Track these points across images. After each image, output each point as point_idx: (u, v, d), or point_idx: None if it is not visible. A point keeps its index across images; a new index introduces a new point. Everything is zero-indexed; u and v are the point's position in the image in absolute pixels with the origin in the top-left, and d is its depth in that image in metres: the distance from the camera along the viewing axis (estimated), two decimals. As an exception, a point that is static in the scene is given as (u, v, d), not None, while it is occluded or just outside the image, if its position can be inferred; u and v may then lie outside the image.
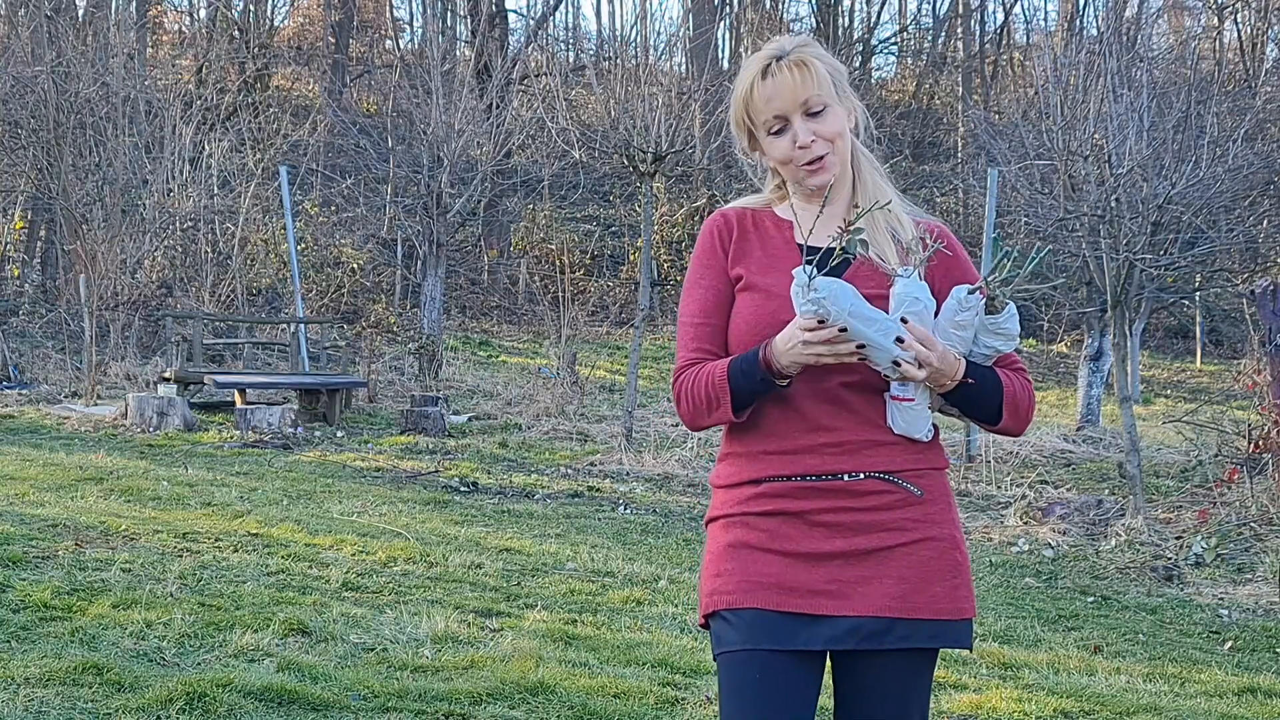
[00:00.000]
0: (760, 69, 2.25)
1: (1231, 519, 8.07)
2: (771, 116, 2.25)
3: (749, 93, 2.26)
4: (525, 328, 21.38)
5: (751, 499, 2.23)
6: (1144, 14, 22.20)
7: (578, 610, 5.67)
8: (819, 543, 2.18)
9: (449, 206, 17.23)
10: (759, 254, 2.29)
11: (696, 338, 2.28)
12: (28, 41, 18.53)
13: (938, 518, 2.23)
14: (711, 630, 2.25)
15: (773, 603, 2.17)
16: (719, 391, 2.20)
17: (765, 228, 2.33)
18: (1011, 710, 4.49)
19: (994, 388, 2.22)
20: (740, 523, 2.23)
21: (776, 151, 2.27)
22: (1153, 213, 9.19)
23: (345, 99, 25.80)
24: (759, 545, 2.20)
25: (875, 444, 2.20)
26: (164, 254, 18.23)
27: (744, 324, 2.24)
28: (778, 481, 2.21)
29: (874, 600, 2.16)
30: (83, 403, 12.95)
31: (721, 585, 2.22)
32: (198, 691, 4.02)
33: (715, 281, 2.30)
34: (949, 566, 2.21)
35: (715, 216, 2.37)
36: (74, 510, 7.25)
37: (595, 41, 30.67)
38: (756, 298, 2.24)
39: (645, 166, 11.80)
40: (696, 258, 2.34)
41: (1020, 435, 2.44)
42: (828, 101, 2.24)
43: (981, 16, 31.25)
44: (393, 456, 10.57)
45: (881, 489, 2.19)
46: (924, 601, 2.18)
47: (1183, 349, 22.81)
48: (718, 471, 2.33)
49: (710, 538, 2.30)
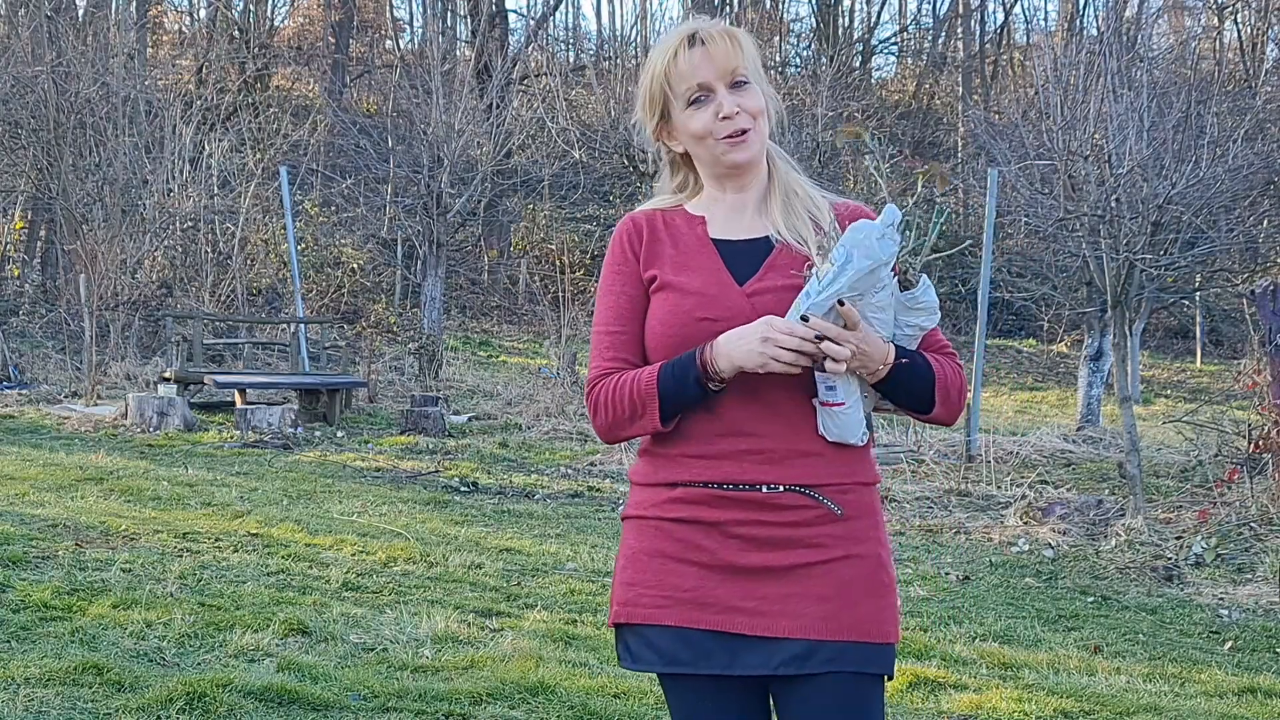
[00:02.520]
0: (686, 37, 2.13)
1: (1231, 519, 8.06)
2: (695, 84, 2.12)
3: (671, 61, 2.13)
4: (525, 328, 21.39)
5: (667, 503, 2.12)
6: (1144, 14, 22.21)
7: (578, 610, 5.66)
8: (736, 555, 2.07)
9: (449, 206, 17.23)
10: (671, 252, 2.18)
11: (612, 346, 2.17)
12: (28, 41, 18.53)
13: (860, 535, 2.10)
14: (621, 640, 2.16)
15: (689, 619, 2.07)
16: (645, 398, 2.07)
17: (676, 226, 2.22)
18: (1011, 710, 4.49)
19: (925, 371, 2.09)
20: (655, 527, 2.13)
21: (696, 124, 2.14)
22: (1153, 213, 9.19)
23: (345, 99, 25.81)
24: (674, 555, 2.10)
25: (801, 454, 2.07)
26: (164, 254, 18.23)
27: (659, 323, 2.13)
28: (694, 487, 2.10)
29: (795, 620, 2.04)
30: (83, 403, 12.95)
31: (635, 595, 2.12)
32: (198, 691, 4.02)
33: (627, 287, 2.19)
34: (875, 586, 2.09)
35: (624, 221, 2.26)
36: (74, 510, 7.25)
37: (595, 41, 30.68)
38: (672, 296, 2.13)
39: (645, 166, 11.80)
40: (607, 265, 2.23)
41: (951, 424, 2.26)
42: (751, 79, 2.13)
43: (981, 16, 31.28)
44: (393, 456, 10.57)
45: (800, 503, 2.07)
46: (850, 622, 2.05)
47: (1183, 349, 22.82)
48: (636, 466, 2.22)
49: (625, 536, 2.19)
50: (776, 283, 2.10)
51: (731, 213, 2.19)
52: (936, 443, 11.52)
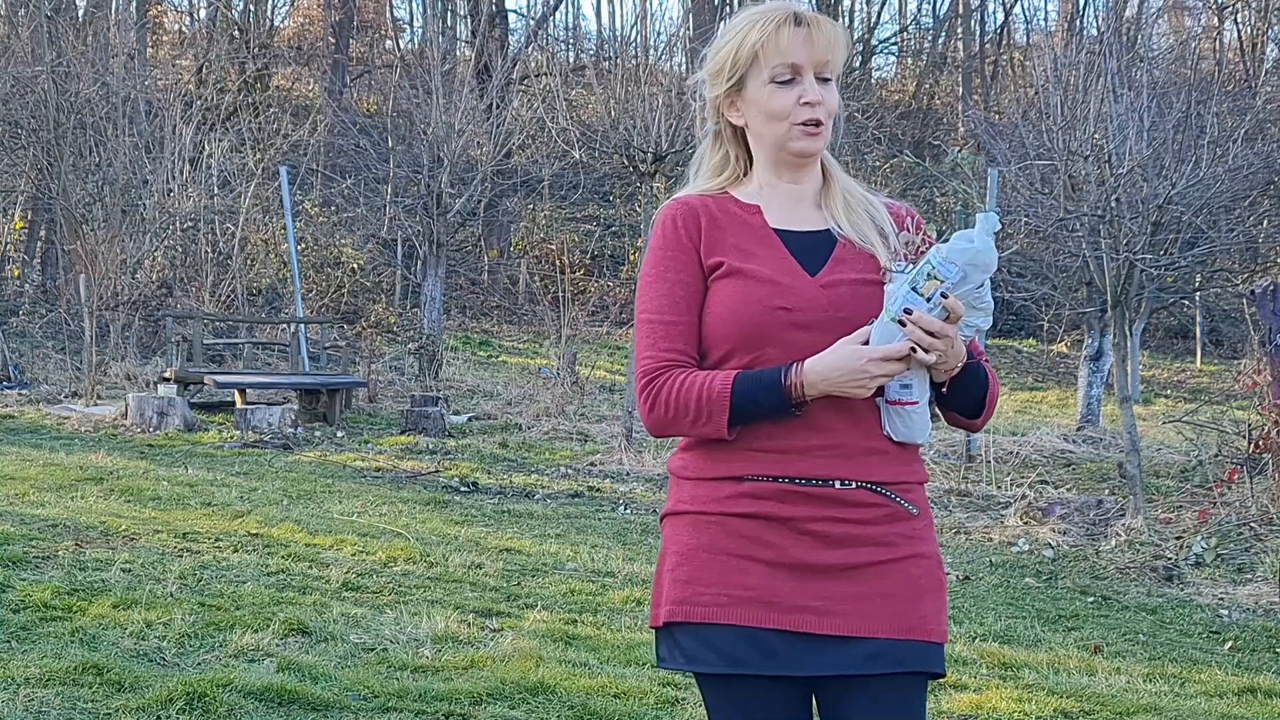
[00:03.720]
0: (792, 14, 2.07)
1: (1231, 519, 8.06)
2: (788, 64, 2.06)
3: (773, 34, 2.06)
4: (525, 328, 21.38)
5: (731, 498, 2.05)
6: (1144, 14, 22.21)
7: (578, 610, 5.66)
8: (806, 553, 2.02)
9: (449, 206, 17.23)
10: (733, 240, 2.10)
11: (668, 336, 2.08)
12: (28, 41, 18.53)
13: (924, 534, 2.09)
14: (671, 639, 2.07)
15: (754, 619, 2.01)
16: (715, 408, 2.01)
17: (732, 213, 2.14)
18: (1011, 710, 4.49)
19: (984, 375, 2.09)
20: (716, 523, 2.05)
21: (776, 103, 2.07)
22: (1153, 213, 9.19)
23: (345, 99, 25.79)
24: (738, 552, 2.03)
25: (871, 451, 2.05)
26: (164, 254, 18.23)
27: (729, 311, 2.05)
28: (763, 481, 2.03)
29: (865, 620, 2.02)
30: (83, 403, 12.95)
31: (693, 594, 2.04)
32: (198, 691, 4.02)
33: (683, 274, 2.10)
34: (935, 586, 2.09)
35: (674, 204, 2.16)
36: (74, 510, 7.25)
37: (595, 41, 30.67)
38: (742, 283, 2.05)
39: (645, 166, 11.80)
40: (657, 249, 2.13)
41: (979, 431, 2.28)
42: (835, 78, 2.10)
43: (981, 16, 31.28)
44: (393, 456, 10.57)
45: (871, 500, 2.04)
46: (916, 621, 2.04)
47: (1183, 349, 22.80)
48: (684, 462, 2.12)
49: (674, 534, 2.11)
50: (848, 276, 2.07)
51: (788, 202, 2.14)
52: (936, 442, 11.52)
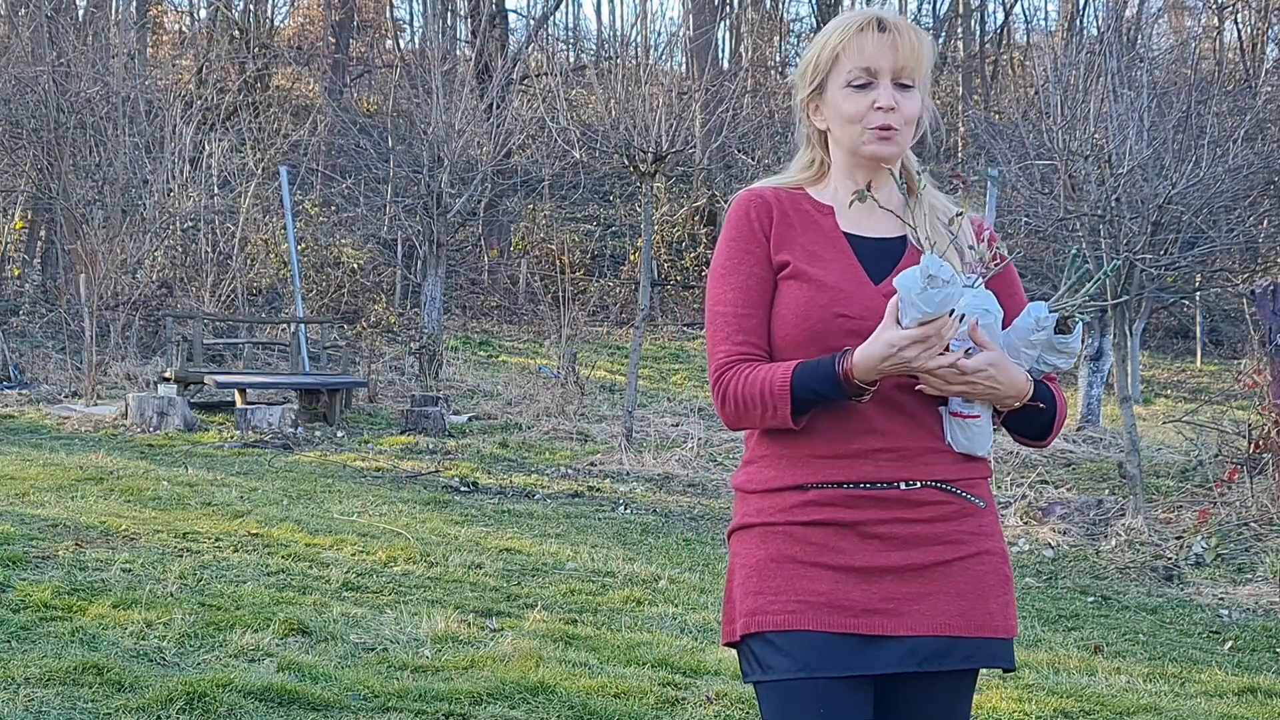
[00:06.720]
0: (875, 19, 2.08)
1: (1231, 519, 8.06)
2: (861, 69, 2.06)
3: (854, 37, 2.07)
4: (525, 328, 21.37)
5: (797, 507, 2.05)
6: (1144, 14, 22.20)
7: (578, 610, 5.67)
8: (873, 556, 2.02)
9: (449, 206, 17.23)
10: (802, 239, 2.09)
11: (741, 330, 2.07)
12: (28, 41, 18.53)
13: (990, 529, 2.09)
14: (748, 652, 2.07)
15: (825, 624, 2.01)
16: (778, 399, 2.00)
17: (805, 211, 2.13)
18: (1011, 710, 4.49)
19: (1052, 409, 2.10)
20: (783, 533, 2.05)
21: (850, 106, 2.07)
22: (1153, 213, 9.19)
23: (345, 99, 25.78)
24: (806, 559, 2.03)
25: (932, 451, 2.05)
26: (164, 254, 18.23)
27: (792, 315, 2.05)
28: (829, 488, 2.03)
29: (933, 619, 2.02)
30: (83, 403, 12.95)
31: (764, 604, 2.04)
32: (198, 691, 4.02)
33: (756, 268, 2.09)
34: (1001, 581, 2.08)
35: (748, 195, 2.14)
36: (74, 510, 7.25)
37: (595, 41, 30.68)
38: (807, 287, 2.05)
39: (645, 166, 11.80)
40: (730, 240, 2.12)
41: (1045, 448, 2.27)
42: (918, 86, 2.08)
43: (981, 16, 31.25)
44: (393, 456, 10.57)
45: (938, 499, 2.04)
46: (983, 618, 2.05)
47: (1183, 349, 22.79)
48: (748, 475, 2.13)
49: (741, 549, 2.11)
50: None
51: (862, 207, 2.11)
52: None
